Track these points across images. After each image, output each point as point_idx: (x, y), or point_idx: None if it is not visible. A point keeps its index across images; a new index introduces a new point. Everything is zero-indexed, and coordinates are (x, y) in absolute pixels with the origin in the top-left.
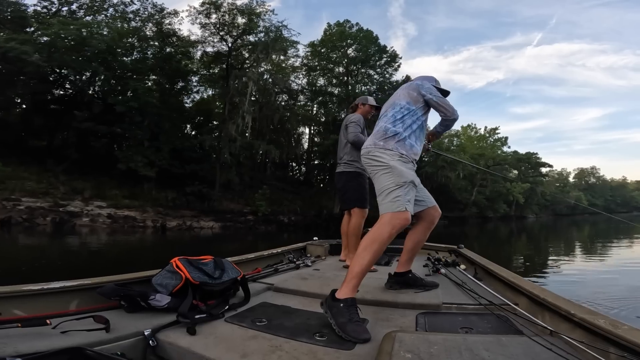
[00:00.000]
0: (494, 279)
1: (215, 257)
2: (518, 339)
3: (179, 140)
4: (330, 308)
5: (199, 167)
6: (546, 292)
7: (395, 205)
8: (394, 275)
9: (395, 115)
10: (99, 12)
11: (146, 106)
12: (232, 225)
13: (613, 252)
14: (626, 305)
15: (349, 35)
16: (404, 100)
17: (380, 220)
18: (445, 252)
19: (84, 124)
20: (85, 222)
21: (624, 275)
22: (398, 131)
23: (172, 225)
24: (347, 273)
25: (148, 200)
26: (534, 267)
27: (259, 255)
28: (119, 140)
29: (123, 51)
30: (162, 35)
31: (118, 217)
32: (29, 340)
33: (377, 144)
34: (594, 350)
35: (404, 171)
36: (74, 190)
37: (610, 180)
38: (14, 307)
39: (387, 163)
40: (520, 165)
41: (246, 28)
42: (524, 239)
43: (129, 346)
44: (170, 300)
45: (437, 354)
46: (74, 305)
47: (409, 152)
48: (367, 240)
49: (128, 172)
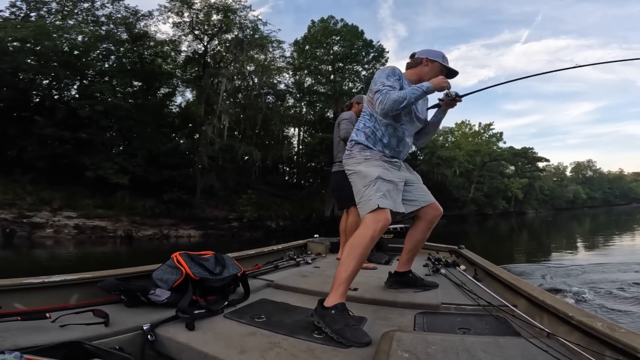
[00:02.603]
0: (494, 280)
1: (216, 253)
2: (515, 340)
3: (155, 145)
4: (322, 317)
5: (176, 173)
6: (545, 294)
7: (368, 205)
8: (394, 274)
9: (358, 123)
10: (70, 17)
11: (115, 109)
12: (214, 232)
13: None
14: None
15: (334, 31)
16: (368, 106)
17: (360, 225)
18: (445, 252)
19: (45, 130)
20: (49, 234)
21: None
22: (360, 140)
23: (147, 234)
24: (334, 280)
25: (124, 210)
26: (537, 265)
27: (259, 251)
28: (87, 147)
29: (94, 54)
30: (133, 36)
31: (86, 227)
32: (27, 333)
33: (345, 154)
34: (590, 353)
35: (368, 170)
36: (42, 200)
37: (608, 173)
38: (14, 301)
39: (352, 169)
40: (517, 160)
41: (222, 26)
42: (526, 236)
43: (127, 340)
44: (170, 295)
45: (435, 354)
46: (75, 299)
47: (374, 152)
48: (350, 246)
49: (102, 181)
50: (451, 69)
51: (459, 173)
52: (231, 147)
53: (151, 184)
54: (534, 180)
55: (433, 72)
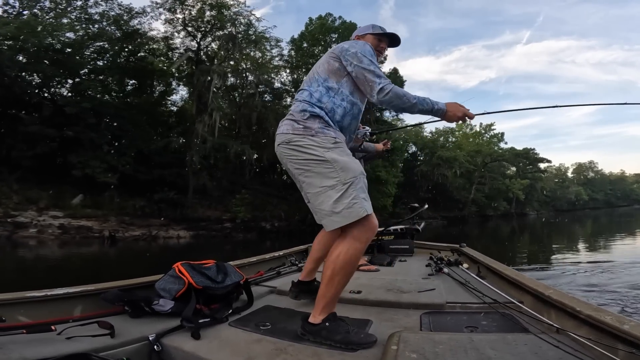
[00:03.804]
0: (498, 277)
1: (218, 262)
2: (524, 337)
3: (146, 144)
4: (317, 334)
5: (167, 172)
6: (551, 289)
7: (353, 212)
8: (298, 283)
9: (312, 93)
10: (63, 15)
11: (103, 107)
12: (205, 233)
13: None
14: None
15: (331, 29)
16: (323, 74)
17: (341, 241)
18: (447, 251)
19: (31, 128)
20: (32, 234)
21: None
22: (320, 114)
23: (134, 234)
24: (318, 298)
25: (113, 209)
26: (542, 267)
27: (261, 258)
28: (75, 145)
29: (85, 52)
30: (124, 34)
31: (71, 227)
32: (34, 346)
33: (296, 128)
34: (602, 347)
35: (345, 161)
36: (28, 200)
37: (609, 174)
38: (18, 314)
39: (317, 154)
40: (519, 161)
41: (215, 22)
42: (527, 237)
43: (134, 351)
44: (173, 305)
45: (443, 353)
46: (78, 311)
47: (339, 134)
48: (332, 270)
49: (91, 180)
50: (388, 33)
51: (460, 174)
52: (224, 146)
53: (141, 183)
54: (535, 181)
55: None
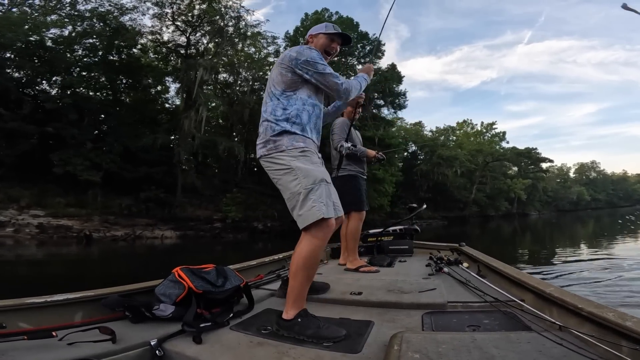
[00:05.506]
0: (498, 276)
1: (217, 266)
2: (527, 335)
3: (133, 141)
4: (290, 329)
5: (154, 170)
6: (552, 287)
7: (311, 214)
8: (287, 280)
9: (274, 110)
10: (52, 12)
11: (87, 103)
12: (193, 233)
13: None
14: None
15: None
16: (279, 87)
17: (302, 239)
18: (447, 250)
19: (10, 124)
20: (8, 233)
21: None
22: (286, 128)
23: (116, 234)
24: (287, 294)
25: (97, 208)
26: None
27: (260, 261)
28: (58, 142)
29: (68, 48)
30: (112, 30)
31: (49, 226)
32: (36, 352)
33: (269, 148)
34: (605, 343)
35: (308, 169)
36: (9, 198)
37: (611, 174)
38: (19, 320)
39: (286, 165)
40: (520, 160)
41: (204, 16)
42: (529, 238)
43: (136, 356)
44: (174, 310)
45: (446, 353)
46: (79, 317)
47: (307, 141)
48: (296, 265)
49: (75, 178)
50: (339, 33)
51: (461, 173)
52: (213, 143)
53: (128, 181)
54: (537, 181)
55: (319, 44)
